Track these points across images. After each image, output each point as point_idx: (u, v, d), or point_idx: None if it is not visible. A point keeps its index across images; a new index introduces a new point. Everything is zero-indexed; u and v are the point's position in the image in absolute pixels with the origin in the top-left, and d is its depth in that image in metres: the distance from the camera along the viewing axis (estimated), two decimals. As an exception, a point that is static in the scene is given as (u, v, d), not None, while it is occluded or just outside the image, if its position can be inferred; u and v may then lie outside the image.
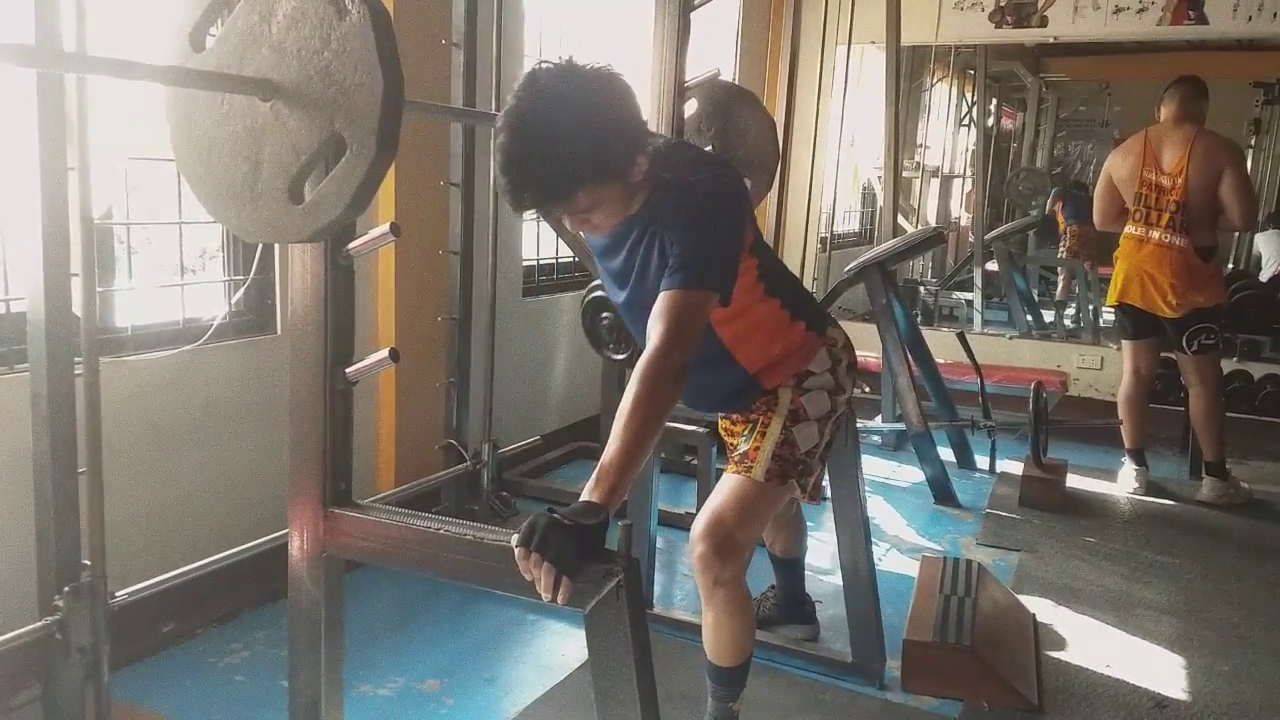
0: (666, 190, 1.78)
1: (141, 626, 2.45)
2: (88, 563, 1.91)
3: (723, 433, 2.28)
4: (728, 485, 2.01)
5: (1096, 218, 4.25)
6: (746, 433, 2.07)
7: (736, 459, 2.05)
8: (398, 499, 3.12)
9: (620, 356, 2.41)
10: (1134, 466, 4.26)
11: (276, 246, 2.81)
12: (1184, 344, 3.99)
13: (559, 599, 1.37)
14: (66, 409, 1.85)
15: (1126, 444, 4.29)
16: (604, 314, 2.31)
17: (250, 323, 2.92)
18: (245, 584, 2.71)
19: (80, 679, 1.92)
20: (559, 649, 2.70)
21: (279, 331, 2.92)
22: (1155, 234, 3.95)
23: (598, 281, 2.28)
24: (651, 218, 1.79)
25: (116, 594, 2.02)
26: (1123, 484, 4.27)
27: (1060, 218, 8.47)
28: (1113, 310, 4.31)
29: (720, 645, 2.04)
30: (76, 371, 1.86)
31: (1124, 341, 4.24)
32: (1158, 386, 4.64)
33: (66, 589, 1.87)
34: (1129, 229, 4.05)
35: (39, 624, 1.88)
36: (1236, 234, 6.63)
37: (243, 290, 2.86)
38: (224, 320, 2.75)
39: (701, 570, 1.96)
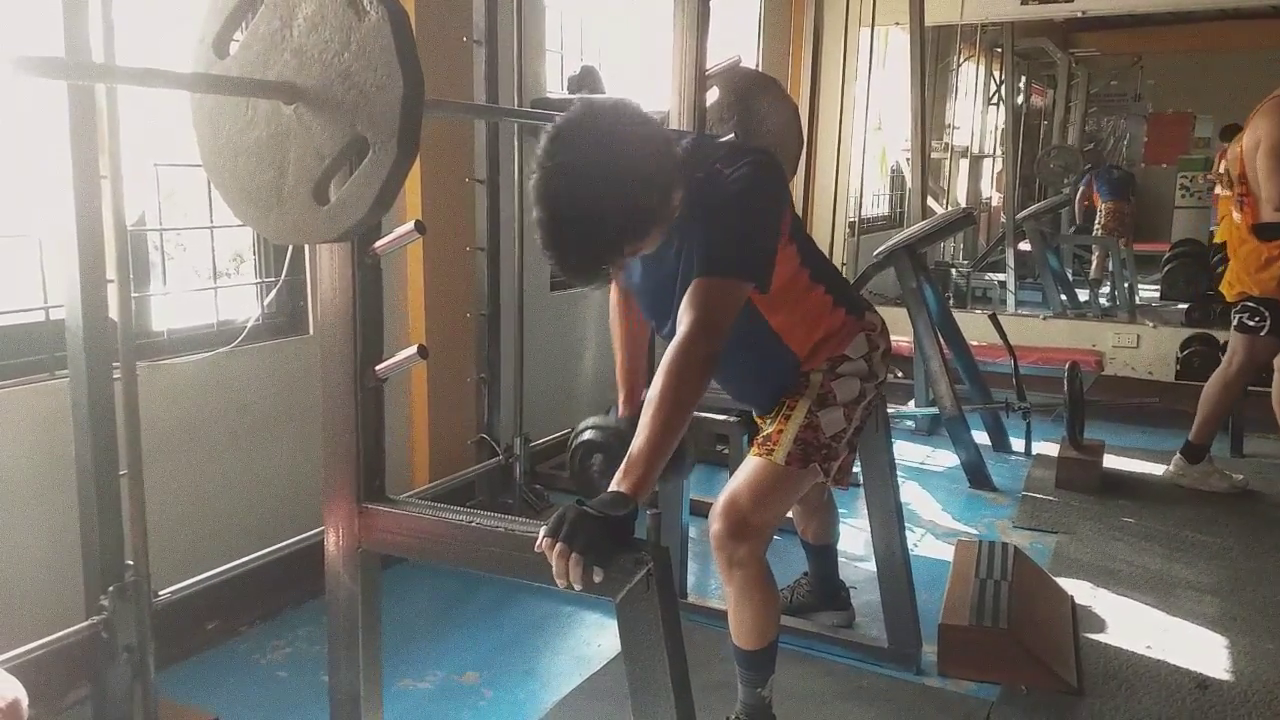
0: (700, 190, 1.76)
1: (186, 625, 2.50)
2: (131, 563, 1.95)
3: (756, 418, 2.28)
4: (748, 467, 2.02)
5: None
6: (773, 415, 2.07)
7: (759, 441, 2.05)
8: (432, 494, 3.15)
9: None
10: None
11: (305, 248, 2.84)
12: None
13: (588, 587, 1.38)
14: (106, 413, 1.89)
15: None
16: (594, 456, 2.08)
17: (283, 324, 2.96)
18: (287, 581, 2.75)
19: (128, 678, 1.96)
20: (595, 640, 2.71)
21: (311, 332, 2.96)
22: (1233, 211, 3.75)
23: (587, 422, 2.16)
24: (688, 221, 1.77)
25: (160, 593, 2.07)
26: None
27: (1095, 197, 8.37)
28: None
29: (741, 627, 2.04)
30: (115, 376, 1.90)
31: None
32: (1195, 363, 4.57)
33: (111, 589, 1.91)
34: None
35: (85, 624, 1.92)
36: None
37: (274, 292, 2.89)
38: (257, 322, 2.79)
39: (717, 550, 1.97)
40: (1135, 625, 2.80)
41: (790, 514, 2.57)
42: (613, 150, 1.56)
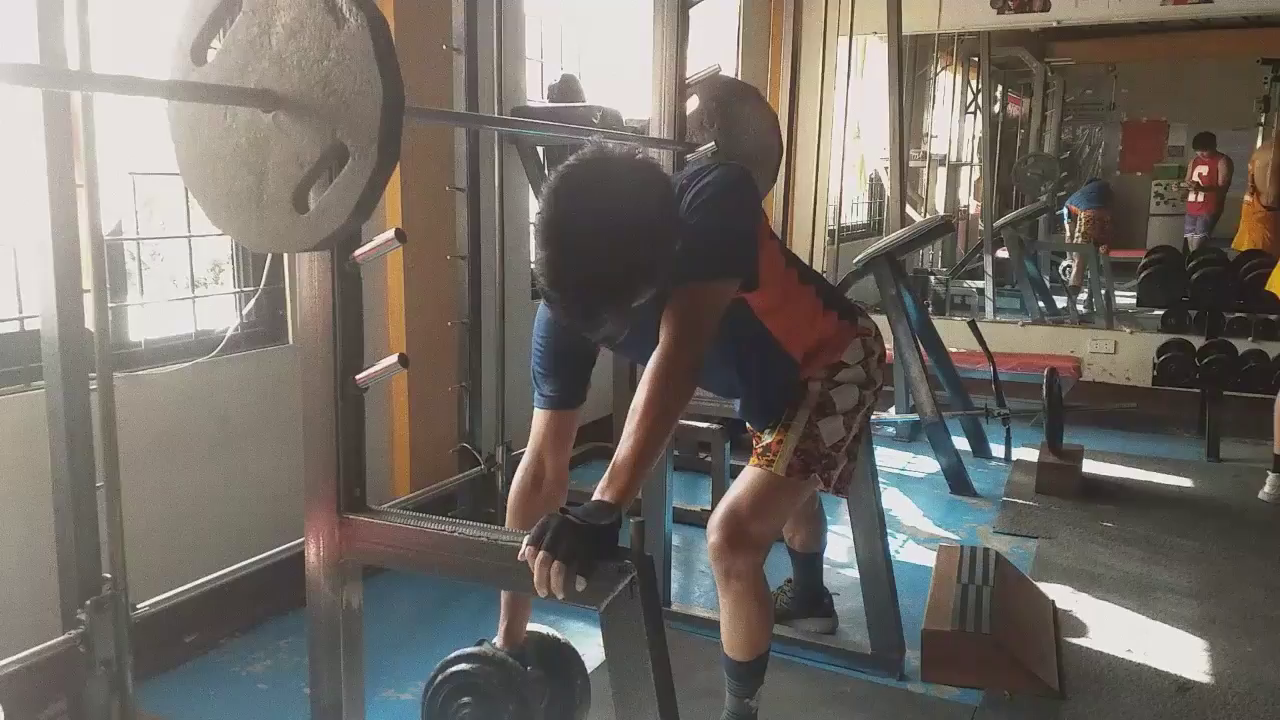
0: None
1: (165, 638, 2.47)
2: (109, 576, 1.93)
3: (754, 430, 2.26)
4: (747, 477, 2.01)
5: None
6: (772, 425, 2.06)
7: (759, 451, 2.04)
8: (414, 504, 3.13)
9: None
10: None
11: (285, 256, 2.83)
12: None
13: (570, 595, 1.37)
14: (82, 424, 1.86)
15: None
16: (463, 698, 1.80)
17: (262, 333, 2.94)
18: (267, 592, 2.72)
19: (105, 691, 1.93)
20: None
21: (291, 341, 2.94)
22: None
23: (458, 653, 1.86)
24: None
25: (138, 606, 2.04)
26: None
27: (1072, 207, 8.48)
28: None
29: (734, 638, 2.03)
30: (91, 387, 1.88)
31: None
32: (1172, 368, 4.61)
33: (89, 602, 1.89)
34: None
35: (63, 638, 1.90)
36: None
37: (253, 301, 2.87)
38: (236, 332, 2.77)
39: (714, 560, 1.97)
40: (1116, 629, 2.82)
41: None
42: (622, 195, 1.51)
